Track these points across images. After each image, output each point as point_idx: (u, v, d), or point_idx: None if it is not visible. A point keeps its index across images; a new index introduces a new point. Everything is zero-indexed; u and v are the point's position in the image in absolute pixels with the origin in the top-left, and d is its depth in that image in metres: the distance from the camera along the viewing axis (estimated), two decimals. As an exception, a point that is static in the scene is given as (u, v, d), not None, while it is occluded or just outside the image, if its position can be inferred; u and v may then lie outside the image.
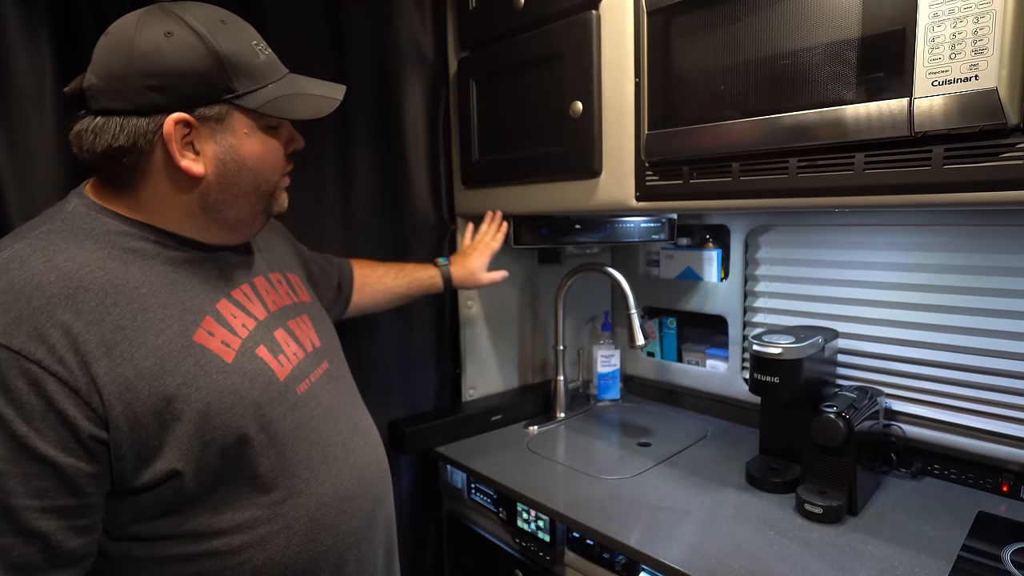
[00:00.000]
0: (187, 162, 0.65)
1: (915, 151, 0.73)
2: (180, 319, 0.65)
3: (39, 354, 0.55)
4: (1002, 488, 1.08)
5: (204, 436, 0.63)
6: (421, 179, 1.40)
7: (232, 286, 0.73)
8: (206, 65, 0.63)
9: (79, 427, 0.57)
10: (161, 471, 0.61)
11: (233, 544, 0.67)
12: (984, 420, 1.11)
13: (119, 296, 0.61)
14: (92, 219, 0.65)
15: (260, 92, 0.67)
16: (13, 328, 0.55)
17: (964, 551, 0.91)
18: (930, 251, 1.16)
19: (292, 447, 0.72)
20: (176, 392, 0.62)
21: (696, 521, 1.01)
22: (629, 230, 1.47)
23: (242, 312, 0.72)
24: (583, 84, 1.09)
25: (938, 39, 0.68)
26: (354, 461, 0.79)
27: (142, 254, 0.65)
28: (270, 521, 0.69)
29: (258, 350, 0.71)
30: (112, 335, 0.59)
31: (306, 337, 0.81)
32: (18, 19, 0.94)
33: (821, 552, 0.91)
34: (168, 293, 0.65)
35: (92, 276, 0.61)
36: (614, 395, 1.64)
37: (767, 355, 1.08)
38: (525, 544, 1.16)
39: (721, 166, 0.92)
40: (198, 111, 0.64)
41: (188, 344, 0.64)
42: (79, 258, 0.61)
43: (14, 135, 0.94)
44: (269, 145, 0.70)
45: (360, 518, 0.79)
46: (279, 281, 0.83)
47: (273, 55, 0.71)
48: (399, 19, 1.33)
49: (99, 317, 0.59)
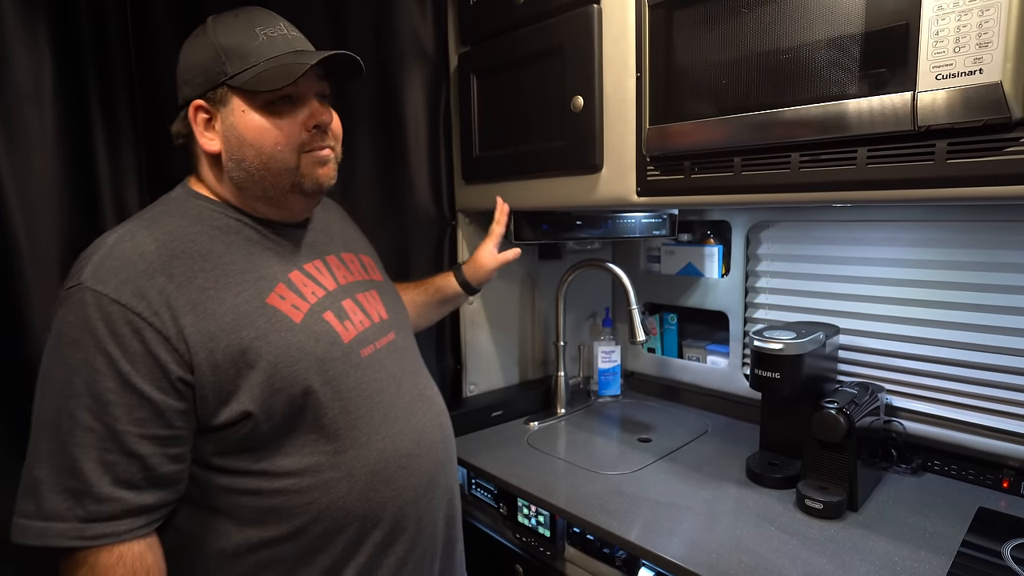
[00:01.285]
0: (205, 140, 0.76)
1: (918, 145, 0.73)
2: (256, 284, 0.76)
3: (140, 307, 0.67)
4: (1002, 484, 1.08)
5: (273, 384, 0.72)
6: (422, 174, 1.40)
7: (305, 260, 0.84)
8: (208, 55, 0.74)
9: (169, 369, 0.67)
10: (236, 412, 0.70)
11: (300, 485, 0.75)
12: (985, 416, 1.11)
13: (205, 263, 0.73)
14: (188, 203, 0.78)
15: (249, 71, 0.74)
16: (122, 287, 0.67)
17: (964, 547, 0.91)
18: (932, 247, 1.16)
19: (355, 403, 0.79)
20: (250, 344, 0.72)
21: (696, 516, 1.01)
22: (630, 226, 1.47)
23: (312, 282, 0.82)
24: (584, 79, 1.09)
25: (942, 32, 0.67)
26: (415, 423, 0.86)
27: (226, 230, 0.77)
28: (333, 468, 0.77)
29: (325, 314, 0.80)
30: (198, 295, 0.71)
31: (373, 309, 0.89)
32: (17, 17, 0.93)
33: (821, 547, 0.91)
34: (246, 262, 0.76)
35: (184, 247, 0.72)
36: (615, 391, 1.64)
37: (768, 351, 1.08)
38: (526, 539, 1.16)
39: (723, 161, 0.92)
40: (207, 95, 0.75)
41: (261, 305, 0.75)
42: (175, 233, 0.73)
43: (12, 133, 0.94)
44: (271, 122, 0.75)
45: (419, 476, 0.84)
46: (351, 260, 0.92)
47: (281, 37, 0.77)
48: (400, 14, 1.33)
49: (188, 280, 0.71)
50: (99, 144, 1.04)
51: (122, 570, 0.66)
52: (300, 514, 0.75)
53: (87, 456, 0.65)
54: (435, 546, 0.88)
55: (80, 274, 0.68)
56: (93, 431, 0.65)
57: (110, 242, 0.70)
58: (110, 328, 0.66)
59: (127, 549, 0.67)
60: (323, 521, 0.76)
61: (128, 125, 1.07)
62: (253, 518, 0.74)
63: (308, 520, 0.75)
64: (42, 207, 0.97)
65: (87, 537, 0.64)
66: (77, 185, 1.01)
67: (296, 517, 0.75)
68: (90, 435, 0.65)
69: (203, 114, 0.76)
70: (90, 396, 0.65)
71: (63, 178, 0.99)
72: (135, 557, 0.67)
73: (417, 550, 0.84)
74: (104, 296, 0.66)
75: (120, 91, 1.05)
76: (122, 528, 0.66)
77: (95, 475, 0.65)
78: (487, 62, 1.31)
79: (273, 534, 0.74)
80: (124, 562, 0.66)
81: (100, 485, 0.65)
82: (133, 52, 1.07)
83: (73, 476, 0.65)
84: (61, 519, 0.64)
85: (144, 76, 1.08)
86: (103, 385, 0.65)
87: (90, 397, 0.65)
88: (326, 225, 0.93)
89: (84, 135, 1.02)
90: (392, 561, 0.82)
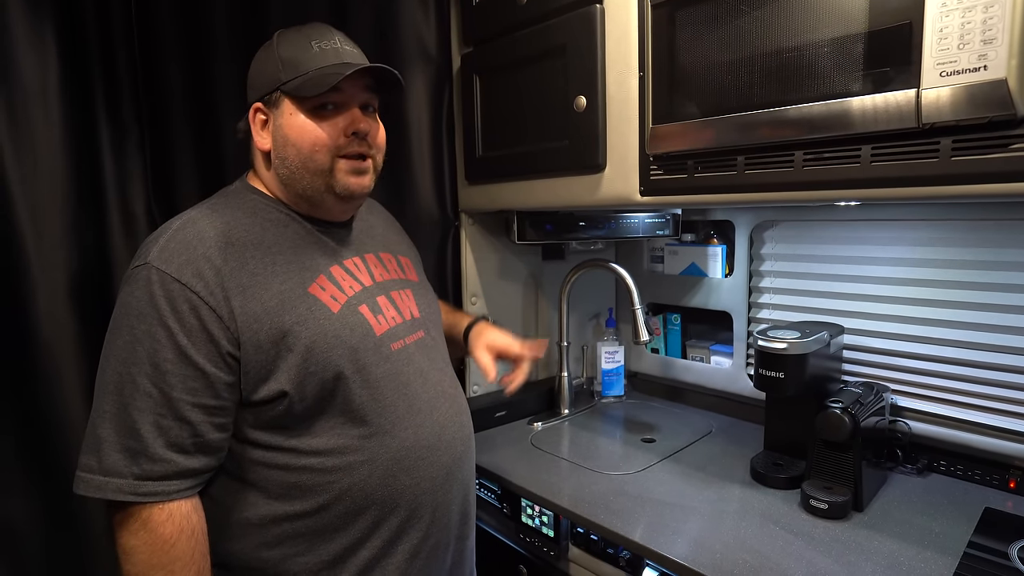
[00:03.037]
0: (259, 138, 0.84)
1: (922, 143, 0.72)
2: (299, 274, 0.82)
3: (198, 287, 0.73)
4: (1009, 484, 1.07)
5: (308, 367, 0.77)
6: (425, 175, 1.40)
7: (345, 256, 0.89)
8: (270, 64, 0.82)
9: (221, 344, 0.74)
10: (274, 390, 0.76)
11: (326, 465, 0.80)
12: (991, 416, 1.11)
13: (256, 251, 0.79)
14: (245, 196, 0.86)
15: (299, 78, 0.80)
16: (183, 267, 0.73)
17: (970, 547, 0.90)
18: (936, 246, 1.15)
19: (382, 392, 0.84)
20: (290, 328, 0.77)
21: (701, 517, 1.01)
22: (633, 226, 1.47)
23: (350, 277, 0.88)
24: (587, 78, 1.09)
25: (947, 29, 0.67)
26: (437, 418, 0.89)
27: (276, 223, 0.84)
28: (357, 452, 0.81)
29: (360, 307, 0.85)
30: (248, 279, 0.77)
31: (406, 307, 0.93)
32: (23, 17, 0.94)
33: (826, 548, 0.91)
34: (293, 253, 0.83)
35: (239, 235, 0.79)
36: (618, 391, 1.63)
37: (772, 350, 1.08)
38: (529, 539, 1.16)
39: (726, 160, 0.92)
40: (265, 99, 0.83)
41: (303, 293, 0.80)
42: (232, 222, 0.80)
43: (19, 132, 0.94)
44: (312, 125, 0.81)
45: (437, 469, 0.87)
46: (389, 260, 0.97)
47: (332, 49, 0.83)
48: (403, 15, 1.33)
49: (240, 264, 0.77)
50: (104, 143, 1.04)
51: (171, 527, 0.72)
52: (323, 492, 0.79)
53: (144, 419, 0.71)
54: (448, 538, 0.91)
55: (147, 254, 0.74)
56: (151, 396, 0.71)
57: (175, 227, 0.77)
58: (171, 304, 0.72)
59: (176, 508, 0.73)
60: (344, 501, 0.80)
61: (133, 124, 1.08)
62: (280, 492, 0.79)
63: (330, 499, 0.80)
64: (48, 206, 0.98)
65: (140, 493, 0.70)
66: (82, 184, 1.02)
67: (319, 495, 0.79)
68: (148, 400, 0.71)
69: (261, 115, 0.83)
70: (150, 364, 0.71)
71: (68, 177, 1.00)
72: (183, 516, 0.73)
73: (431, 540, 0.87)
74: (167, 275, 0.72)
75: (125, 90, 1.06)
76: (172, 488, 0.72)
77: (151, 437, 0.71)
78: (490, 62, 1.31)
79: (297, 509, 0.79)
80: (173, 520, 0.72)
81: (155, 446, 0.71)
82: (138, 51, 1.08)
83: (131, 436, 0.71)
84: (119, 475, 0.70)
85: (149, 75, 1.09)
86: (162, 355, 0.71)
87: (150, 365, 0.71)
88: (369, 226, 0.99)
89: (89, 134, 1.03)
90: (406, 548, 0.85)
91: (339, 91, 0.80)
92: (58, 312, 0.99)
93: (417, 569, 0.86)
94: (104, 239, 1.05)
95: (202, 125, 1.14)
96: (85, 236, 1.03)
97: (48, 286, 0.97)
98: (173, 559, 0.72)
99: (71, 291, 1.00)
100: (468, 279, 1.48)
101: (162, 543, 0.71)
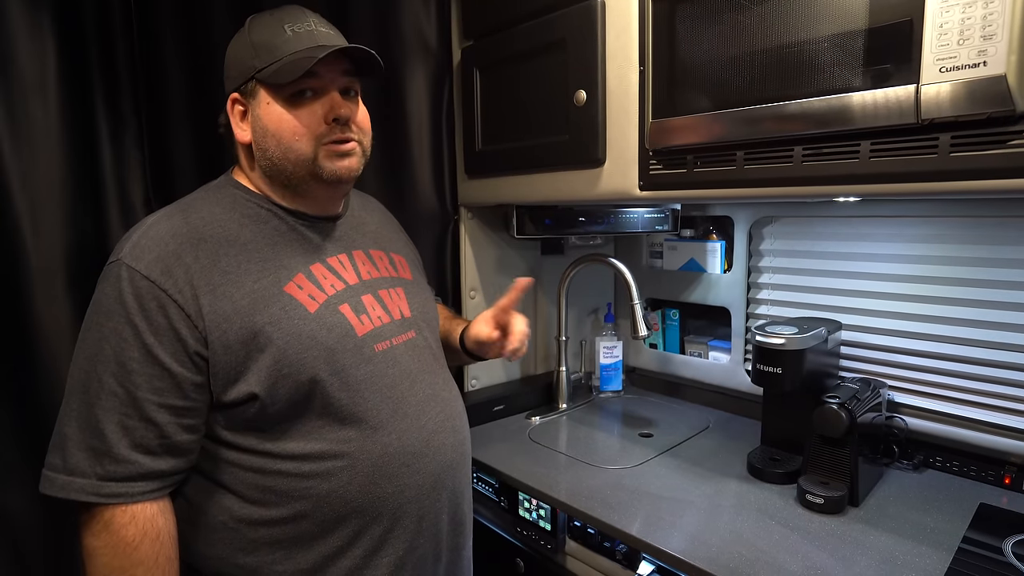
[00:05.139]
0: (239, 131, 0.81)
1: (922, 138, 0.72)
2: (275, 272, 0.78)
3: (167, 284, 0.71)
4: (1004, 480, 1.08)
5: (281, 369, 0.75)
6: (424, 169, 1.40)
7: (330, 254, 0.86)
8: (243, 51, 0.79)
9: (188, 343, 0.71)
10: (243, 392, 0.74)
11: (302, 469, 0.77)
12: (987, 412, 1.11)
13: (230, 248, 0.77)
14: (225, 190, 0.83)
15: (273, 65, 0.76)
16: (153, 264, 0.72)
17: (965, 543, 0.91)
18: (934, 243, 1.15)
19: (363, 395, 0.80)
20: (262, 328, 0.74)
21: (697, 511, 1.01)
22: (632, 221, 1.47)
23: (332, 275, 0.84)
24: (587, 73, 1.09)
25: (946, 25, 0.67)
26: (425, 423, 0.86)
27: (255, 218, 0.81)
28: (336, 457, 0.78)
29: (341, 307, 0.82)
30: (220, 277, 0.74)
31: (395, 306, 0.90)
32: (21, 8, 0.94)
33: (822, 542, 0.91)
34: (270, 250, 0.80)
35: (213, 231, 0.77)
36: (616, 386, 1.64)
37: (769, 345, 1.08)
38: (526, 533, 1.16)
39: (725, 155, 0.92)
40: (241, 88, 0.80)
41: (278, 292, 0.77)
42: (207, 218, 0.78)
43: (17, 124, 0.94)
44: (291, 113, 0.78)
45: (424, 477, 0.84)
46: (380, 257, 0.93)
47: (306, 32, 0.78)
48: (403, 9, 1.33)
49: (212, 262, 0.74)
50: (103, 135, 1.04)
51: (134, 529, 0.70)
52: (300, 498, 0.77)
53: (109, 418, 0.69)
54: (438, 549, 0.88)
55: (120, 250, 0.73)
56: (116, 395, 0.70)
57: (149, 223, 0.76)
58: (139, 302, 0.70)
59: (140, 510, 0.71)
60: (322, 508, 0.77)
61: (131, 115, 1.07)
62: (255, 496, 0.76)
63: (308, 505, 0.77)
64: (46, 198, 0.98)
65: (103, 495, 0.69)
66: (81, 176, 1.02)
67: (296, 500, 0.77)
68: (113, 399, 0.70)
69: (239, 106, 0.81)
70: (116, 363, 0.70)
71: (67, 169, 1.00)
72: (147, 519, 0.71)
73: (417, 550, 0.84)
74: (137, 272, 0.71)
75: (123, 81, 1.06)
76: (136, 490, 0.70)
77: (115, 437, 0.69)
78: (490, 56, 1.30)
79: (273, 514, 0.77)
80: (136, 522, 0.70)
81: (119, 447, 0.69)
82: (136, 42, 1.07)
83: (96, 436, 0.69)
84: (82, 475, 0.69)
85: (147, 66, 1.09)
86: (128, 354, 0.70)
87: (116, 364, 0.70)
88: (360, 223, 0.95)
89: (88, 126, 1.03)
90: (390, 559, 0.81)
91: (316, 76, 0.76)
92: (56, 304, 0.99)
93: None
94: (102, 230, 1.05)
95: (200, 117, 1.13)
96: (83, 227, 1.02)
97: (46, 278, 0.97)
98: (135, 562, 0.70)
99: (69, 283, 1.00)
100: (467, 273, 1.48)
101: (124, 546, 0.69)
